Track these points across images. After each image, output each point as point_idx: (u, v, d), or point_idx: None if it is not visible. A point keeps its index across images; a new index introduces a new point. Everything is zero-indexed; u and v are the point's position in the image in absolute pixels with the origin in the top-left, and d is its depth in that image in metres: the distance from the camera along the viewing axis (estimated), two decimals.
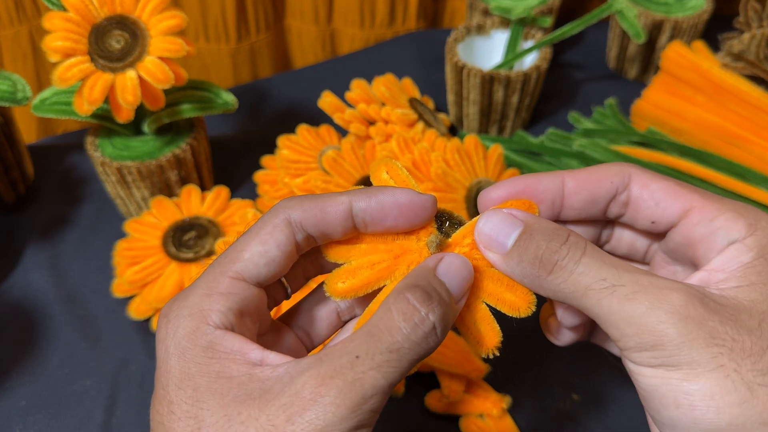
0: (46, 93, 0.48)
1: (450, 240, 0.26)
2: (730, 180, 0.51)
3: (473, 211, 0.47)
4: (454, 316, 0.25)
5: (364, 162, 0.49)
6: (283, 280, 0.28)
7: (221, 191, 0.49)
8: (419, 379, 0.42)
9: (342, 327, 0.29)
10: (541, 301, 0.26)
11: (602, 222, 0.29)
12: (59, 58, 0.42)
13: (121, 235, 0.47)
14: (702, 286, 0.23)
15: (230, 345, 0.23)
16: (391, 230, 0.26)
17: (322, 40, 0.76)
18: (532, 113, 0.61)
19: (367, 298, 0.27)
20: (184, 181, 0.50)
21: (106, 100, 0.44)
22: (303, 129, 0.53)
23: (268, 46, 0.75)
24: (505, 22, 0.59)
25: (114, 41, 0.43)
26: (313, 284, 0.29)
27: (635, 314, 0.22)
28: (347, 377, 0.21)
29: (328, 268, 0.27)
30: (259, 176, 0.53)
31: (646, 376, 0.23)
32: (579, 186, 0.27)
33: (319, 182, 0.47)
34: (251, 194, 0.54)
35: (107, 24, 0.43)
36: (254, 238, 0.25)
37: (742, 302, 0.23)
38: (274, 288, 0.28)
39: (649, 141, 0.55)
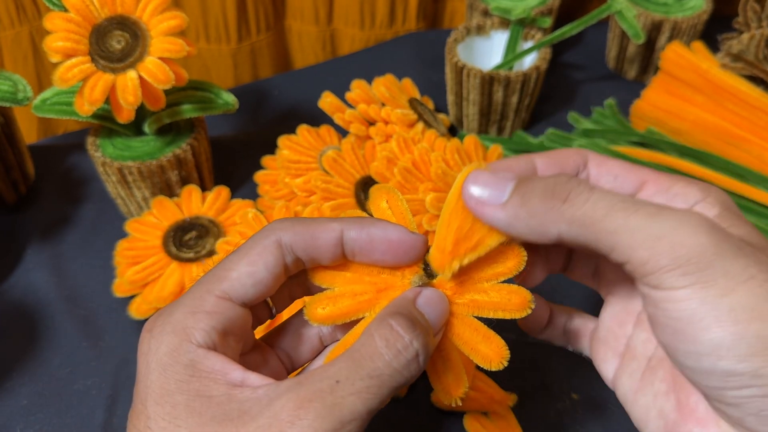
0: (47, 93, 0.48)
1: (434, 282, 0.26)
2: (730, 180, 0.51)
3: None
4: (432, 348, 0.25)
5: (364, 162, 0.49)
6: (269, 300, 0.28)
7: (222, 191, 0.49)
8: (425, 374, 0.42)
9: (322, 351, 0.29)
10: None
11: None
12: (60, 58, 0.42)
13: (122, 235, 0.48)
14: None
15: (211, 364, 0.23)
16: (379, 263, 0.26)
17: (322, 41, 0.76)
18: (531, 113, 0.62)
19: (347, 327, 0.26)
20: (184, 181, 0.50)
21: (107, 101, 0.44)
22: (303, 129, 0.53)
23: (268, 47, 0.75)
24: (504, 23, 0.60)
25: (115, 42, 0.43)
26: (299, 305, 0.29)
27: (666, 229, 0.22)
28: (326, 401, 0.21)
29: (314, 291, 0.27)
30: (259, 176, 0.53)
31: (680, 301, 0.22)
32: (548, 165, 0.27)
33: (320, 182, 0.47)
34: (252, 194, 0.54)
35: (108, 24, 0.43)
36: (243, 258, 0.25)
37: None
38: (259, 308, 0.27)
39: (649, 141, 0.55)
